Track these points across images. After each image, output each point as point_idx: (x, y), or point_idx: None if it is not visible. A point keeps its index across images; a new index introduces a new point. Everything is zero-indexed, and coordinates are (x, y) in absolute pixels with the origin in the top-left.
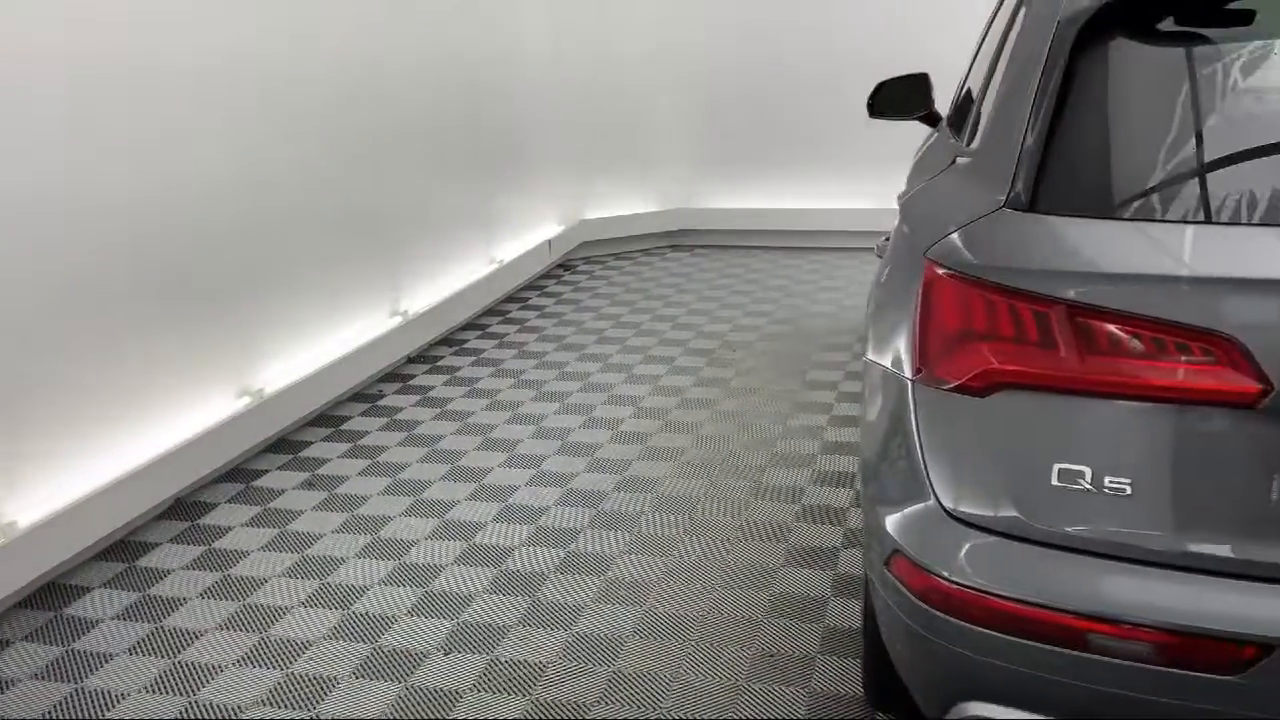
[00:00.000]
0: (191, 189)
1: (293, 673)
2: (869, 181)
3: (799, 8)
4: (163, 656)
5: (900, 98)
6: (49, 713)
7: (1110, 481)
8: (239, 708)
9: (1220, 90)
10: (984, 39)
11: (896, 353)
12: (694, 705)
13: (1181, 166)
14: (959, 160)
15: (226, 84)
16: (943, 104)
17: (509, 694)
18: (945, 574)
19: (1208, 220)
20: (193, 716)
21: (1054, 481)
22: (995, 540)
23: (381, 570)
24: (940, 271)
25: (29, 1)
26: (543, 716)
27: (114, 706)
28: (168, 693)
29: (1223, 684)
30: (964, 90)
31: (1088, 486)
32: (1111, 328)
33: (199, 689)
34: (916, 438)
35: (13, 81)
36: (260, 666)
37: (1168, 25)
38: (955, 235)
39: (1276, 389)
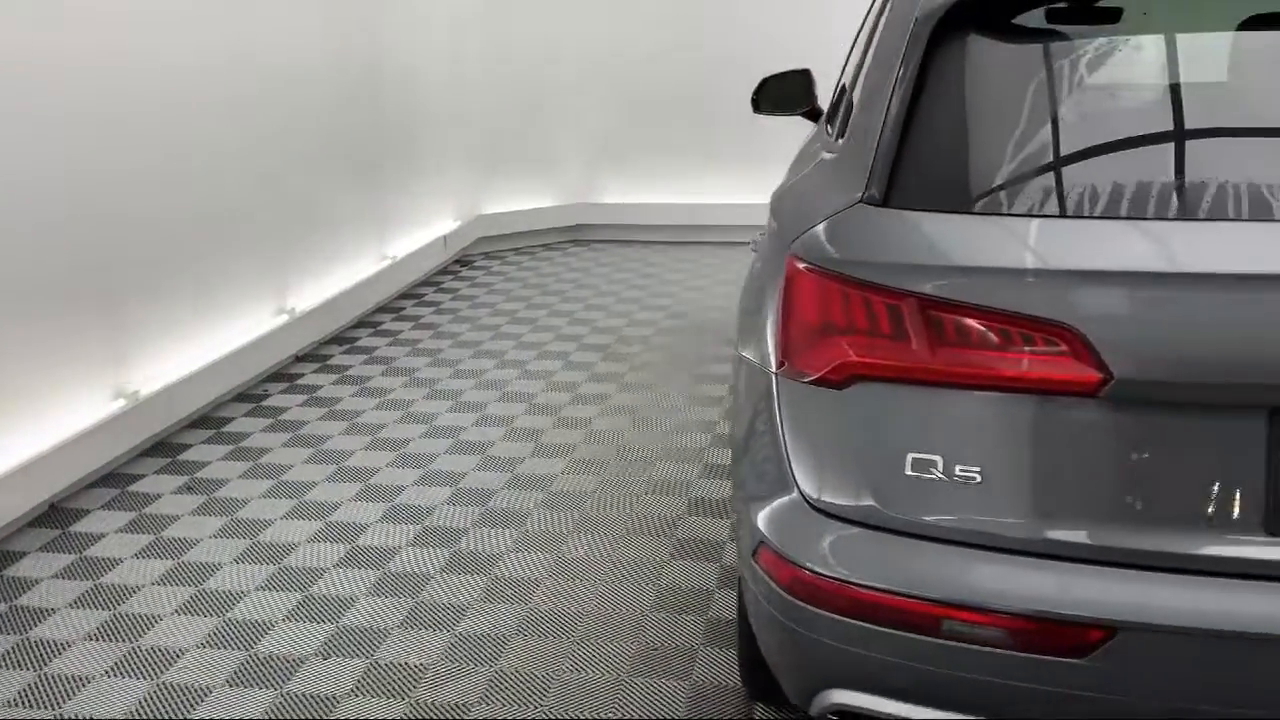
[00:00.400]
0: (59, 184)
1: (164, 682)
2: (768, 176)
3: (701, 2)
4: (27, 669)
5: (783, 94)
6: None
7: (961, 470)
8: None
9: (1073, 86)
10: (859, 34)
11: (762, 347)
12: (575, 702)
13: (1031, 161)
14: (826, 156)
15: (96, 79)
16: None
17: (388, 697)
18: (807, 564)
19: (1055, 214)
20: None
21: (908, 471)
22: (854, 530)
23: (260, 575)
24: (801, 266)
25: None
26: (422, 718)
27: None
28: (32, 706)
29: (1071, 667)
30: (839, 86)
31: (940, 475)
32: (960, 320)
33: (65, 701)
34: (780, 431)
35: None
36: (130, 677)
37: (1024, 22)
38: (814, 230)
39: (1116, 378)
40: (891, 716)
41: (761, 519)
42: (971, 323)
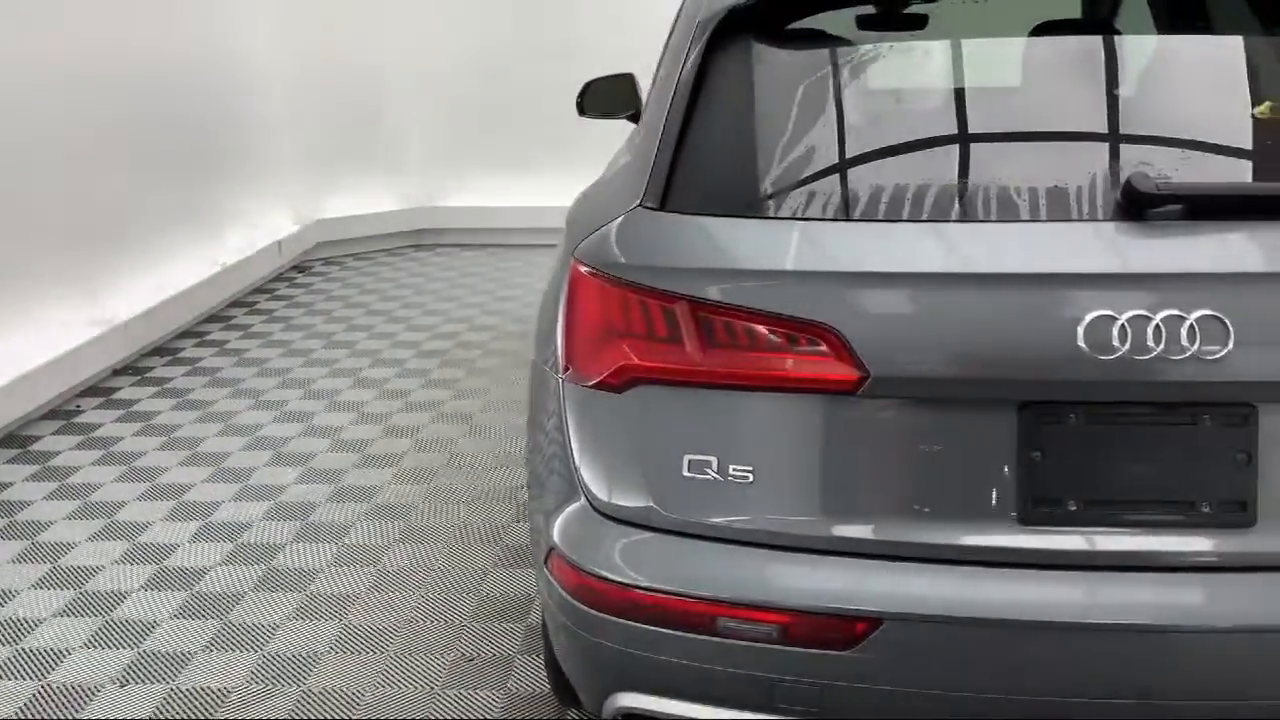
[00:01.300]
0: None
1: None
2: None
3: (543, 3)
4: None
5: (607, 97)
6: None
7: (734, 469)
8: None
9: (848, 92)
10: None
11: (551, 351)
12: (384, 717)
13: (800, 166)
14: (622, 160)
15: None
16: None
17: None
18: (590, 569)
19: (819, 217)
20: None
21: (685, 472)
22: (636, 533)
23: (58, 601)
24: (582, 270)
25: None
26: None
27: None
28: None
29: (840, 659)
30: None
31: (715, 475)
32: (729, 321)
33: None
34: (567, 436)
35: None
36: None
37: (804, 27)
38: (596, 235)
39: (873, 376)
40: (677, 717)
41: (551, 525)
42: (739, 324)
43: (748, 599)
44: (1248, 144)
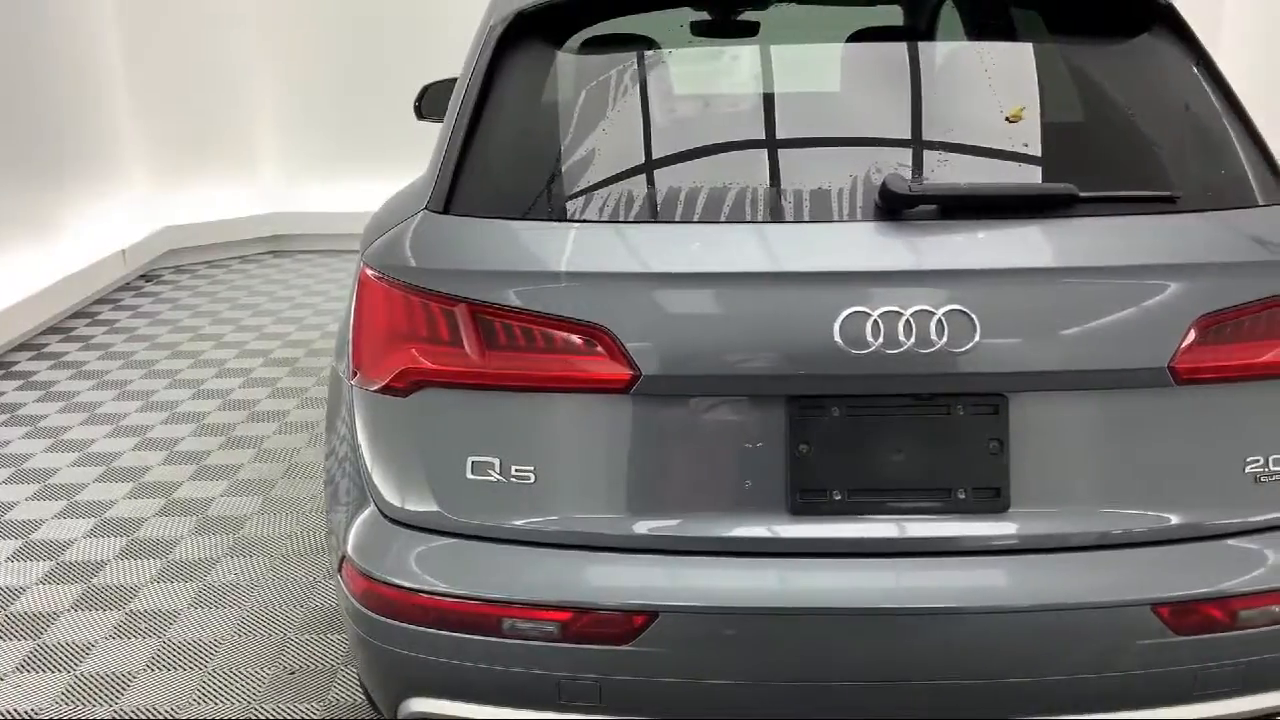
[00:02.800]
0: None
1: None
2: None
3: (404, 2)
4: None
5: (445, 100)
6: None
7: (516, 471)
8: None
9: (630, 97)
10: None
11: (345, 357)
12: None
13: (576, 170)
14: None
15: None
16: None
17: None
18: (378, 575)
19: (594, 220)
20: None
21: (469, 475)
22: (422, 537)
23: None
24: (369, 274)
25: None
26: None
27: None
28: None
29: (620, 653)
30: None
31: (498, 477)
32: (506, 323)
33: None
34: (357, 441)
35: None
36: None
37: (593, 34)
38: (383, 239)
39: (644, 375)
40: None
41: (343, 533)
42: (516, 326)
43: (530, 599)
44: (1003, 146)
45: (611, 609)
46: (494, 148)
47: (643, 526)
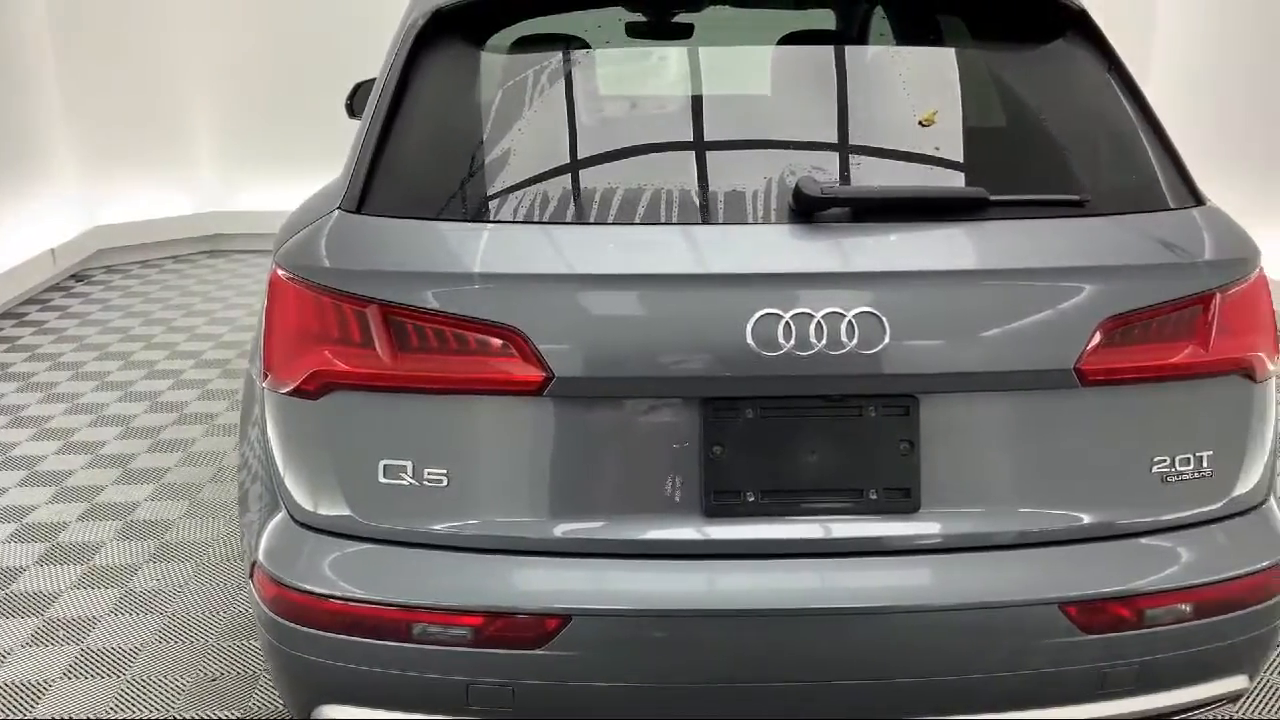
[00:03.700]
0: None
1: None
2: None
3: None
4: None
5: None
6: None
7: (429, 474)
8: None
9: (546, 98)
10: None
11: (258, 359)
12: None
13: (489, 170)
14: None
15: None
16: None
17: None
18: (289, 581)
19: (507, 220)
20: None
21: (381, 478)
22: (334, 543)
23: None
24: (280, 274)
25: None
26: None
27: None
28: None
29: (531, 658)
30: None
31: (411, 480)
32: (418, 325)
33: None
34: (268, 444)
35: None
36: None
37: (508, 36)
38: (295, 239)
39: (557, 376)
40: None
41: (254, 537)
42: (428, 327)
43: (441, 604)
44: (920, 149)
45: (523, 613)
46: (409, 147)
47: (557, 529)
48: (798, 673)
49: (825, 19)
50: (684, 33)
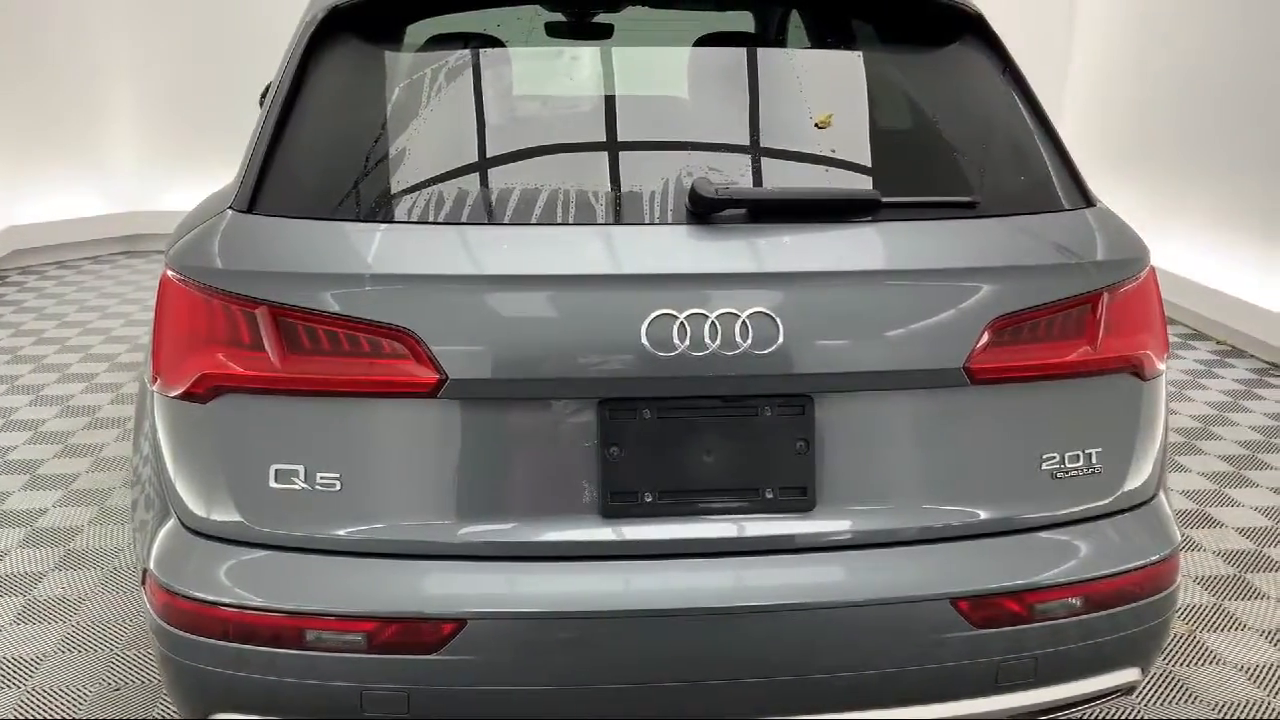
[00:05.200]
0: None
1: None
2: None
3: None
4: None
5: None
6: None
7: (322, 478)
8: None
9: (445, 97)
10: None
11: (149, 362)
12: None
13: (383, 170)
14: None
15: None
16: None
17: None
18: (179, 589)
19: (401, 221)
20: None
21: (272, 483)
22: (225, 549)
23: None
24: (170, 275)
25: None
26: None
27: None
28: None
29: (426, 663)
30: None
31: (302, 485)
32: (309, 326)
33: None
34: (159, 450)
35: None
36: None
37: (415, 32)
38: (185, 240)
39: (450, 378)
40: None
41: (144, 545)
42: (319, 329)
43: (333, 610)
44: (817, 151)
45: (417, 617)
46: (303, 147)
47: (454, 533)
48: (695, 672)
49: (743, 21)
50: (603, 33)
